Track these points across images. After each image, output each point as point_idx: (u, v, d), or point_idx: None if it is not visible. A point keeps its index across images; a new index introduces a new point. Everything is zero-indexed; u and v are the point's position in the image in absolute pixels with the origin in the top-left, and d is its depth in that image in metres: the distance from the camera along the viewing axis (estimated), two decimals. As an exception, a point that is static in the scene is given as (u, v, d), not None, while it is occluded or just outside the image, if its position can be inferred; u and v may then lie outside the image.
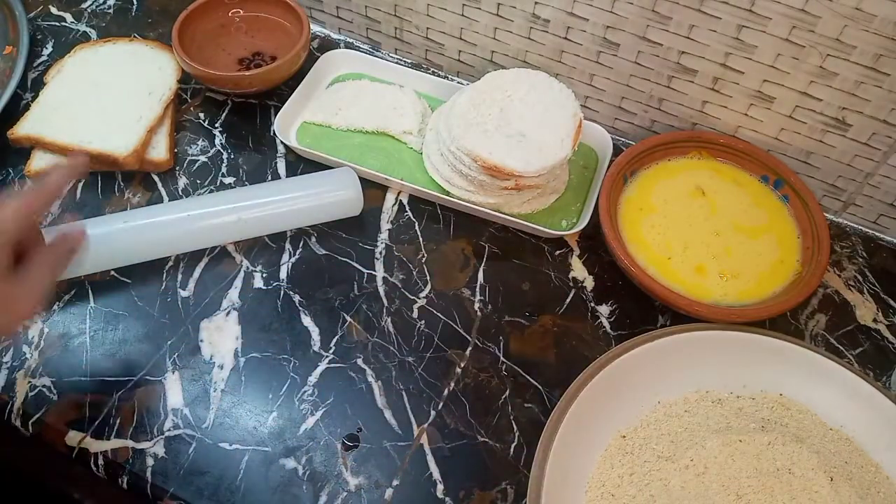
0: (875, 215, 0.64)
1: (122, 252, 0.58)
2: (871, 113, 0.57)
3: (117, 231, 0.56)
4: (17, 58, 0.69)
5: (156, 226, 0.58)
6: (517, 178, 0.58)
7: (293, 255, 0.61)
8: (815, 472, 0.48)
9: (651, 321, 0.58)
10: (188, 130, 0.69)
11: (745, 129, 0.64)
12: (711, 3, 0.56)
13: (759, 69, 0.58)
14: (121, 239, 0.57)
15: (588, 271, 0.61)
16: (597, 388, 0.50)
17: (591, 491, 0.48)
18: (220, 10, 0.72)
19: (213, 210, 0.59)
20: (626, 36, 0.62)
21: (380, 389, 0.54)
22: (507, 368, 0.55)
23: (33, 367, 0.54)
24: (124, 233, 0.57)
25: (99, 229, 0.56)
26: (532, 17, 0.64)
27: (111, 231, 0.56)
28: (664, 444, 0.50)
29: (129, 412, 0.52)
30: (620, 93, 0.66)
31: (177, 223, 0.58)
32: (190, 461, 0.50)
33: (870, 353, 0.57)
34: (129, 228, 0.57)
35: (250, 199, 0.60)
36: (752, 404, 0.52)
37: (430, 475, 0.50)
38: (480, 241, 0.62)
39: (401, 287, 0.59)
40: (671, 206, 0.61)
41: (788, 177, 0.61)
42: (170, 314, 0.57)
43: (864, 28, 0.52)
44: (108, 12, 0.78)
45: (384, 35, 0.75)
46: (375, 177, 0.64)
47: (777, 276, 0.58)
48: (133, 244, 0.57)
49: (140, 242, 0.58)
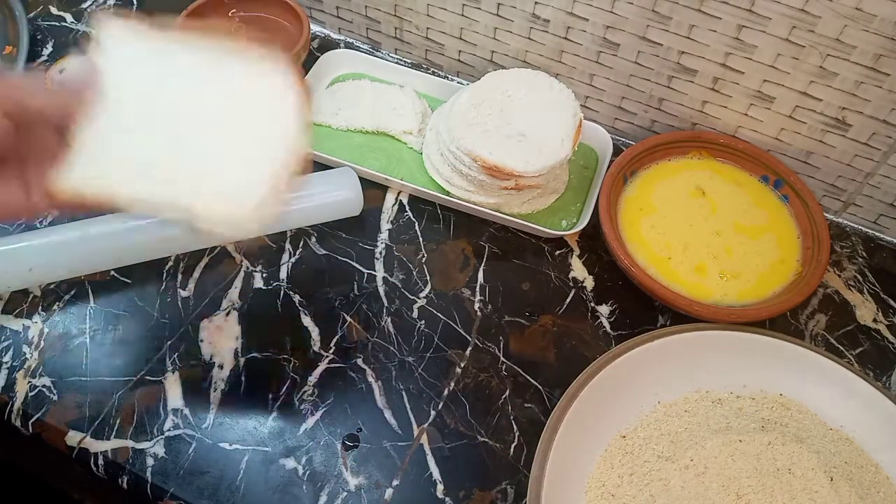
0: (875, 215, 0.64)
1: (122, 252, 0.57)
2: (871, 113, 0.57)
3: (117, 231, 0.56)
4: (17, 58, 0.69)
5: (156, 225, 0.58)
6: (517, 178, 0.58)
7: (293, 255, 0.61)
8: (815, 472, 0.48)
9: (651, 321, 0.58)
10: (188, 130, 0.68)
11: (745, 129, 0.64)
12: (711, 3, 0.56)
13: (759, 69, 0.58)
14: (121, 239, 0.57)
15: (588, 271, 0.61)
16: (597, 388, 0.50)
17: (591, 491, 0.48)
18: (220, 10, 0.72)
19: None
20: (626, 36, 0.62)
21: (380, 389, 0.54)
22: (507, 368, 0.55)
23: (33, 367, 0.54)
24: (124, 233, 0.57)
25: (98, 229, 0.56)
26: (532, 17, 0.64)
27: (111, 231, 0.56)
28: (664, 444, 0.50)
29: (129, 412, 0.52)
30: (620, 93, 0.66)
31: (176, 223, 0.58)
32: (190, 461, 0.50)
33: (870, 353, 0.57)
34: (130, 229, 0.57)
35: None
36: (752, 404, 0.52)
37: (430, 475, 0.51)
38: (480, 241, 0.62)
39: (401, 287, 0.59)
40: (671, 206, 0.61)
41: (788, 177, 0.61)
42: (170, 314, 0.57)
43: (864, 28, 0.52)
44: (108, 12, 0.78)
45: (384, 35, 0.75)
46: (375, 177, 0.64)
47: (777, 276, 0.58)
48: (133, 244, 0.57)
49: (141, 242, 0.58)
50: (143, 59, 0.43)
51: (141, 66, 0.43)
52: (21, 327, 0.56)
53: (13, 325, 0.56)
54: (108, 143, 0.41)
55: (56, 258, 0.56)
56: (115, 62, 0.43)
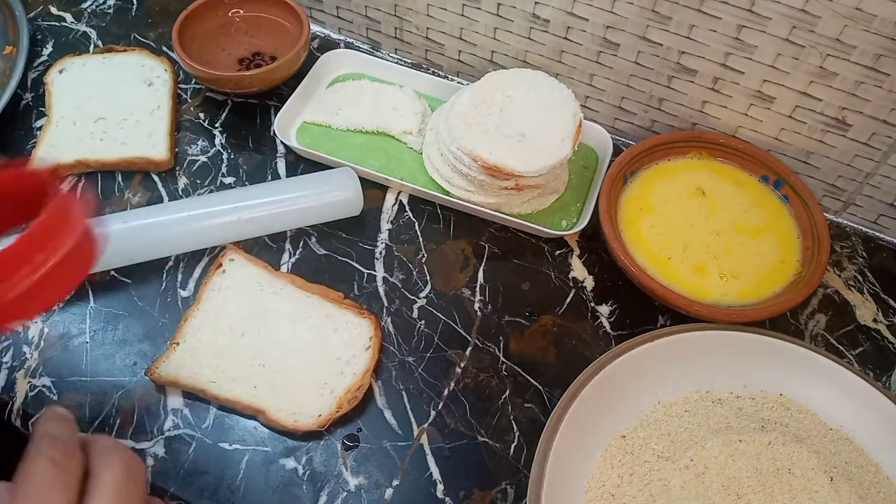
0: (875, 215, 0.64)
1: (122, 252, 0.57)
2: (871, 113, 0.57)
3: (117, 231, 0.56)
4: (17, 58, 0.69)
5: (156, 226, 0.58)
6: (517, 178, 0.58)
7: (293, 255, 0.61)
8: (815, 472, 0.48)
9: (651, 321, 0.58)
10: (188, 130, 0.69)
11: (745, 129, 0.64)
12: (711, 3, 0.56)
13: (759, 69, 0.58)
14: (121, 239, 0.57)
15: (588, 271, 0.61)
16: (597, 388, 0.50)
17: (591, 491, 0.48)
18: (220, 10, 0.72)
19: (213, 210, 0.59)
20: (626, 36, 0.62)
21: (380, 389, 0.54)
22: (507, 368, 0.55)
23: (33, 367, 0.54)
24: (124, 233, 0.57)
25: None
26: (532, 17, 0.64)
27: (111, 231, 0.56)
28: (664, 444, 0.50)
29: (129, 412, 0.52)
30: (620, 93, 0.66)
31: (177, 223, 0.58)
32: (190, 461, 0.50)
33: (870, 353, 0.57)
34: (129, 228, 0.57)
35: (250, 199, 0.60)
36: (752, 404, 0.52)
37: (430, 475, 0.50)
38: (480, 241, 0.62)
39: (401, 287, 0.59)
40: (671, 206, 0.61)
41: (788, 177, 0.61)
42: (170, 314, 0.57)
43: (864, 28, 0.52)
44: (108, 12, 0.78)
45: (384, 35, 0.75)
46: (375, 177, 0.64)
47: (777, 276, 0.58)
48: (133, 244, 0.57)
49: (140, 242, 0.58)
50: (252, 286, 0.57)
51: (249, 292, 0.57)
52: (21, 327, 0.56)
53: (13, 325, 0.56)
54: (208, 349, 0.53)
55: None
56: (232, 287, 0.57)
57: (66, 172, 0.64)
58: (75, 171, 0.64)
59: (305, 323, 0.55)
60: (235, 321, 0.55)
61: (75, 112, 0.67)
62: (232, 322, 0.55)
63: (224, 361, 0.53)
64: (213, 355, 0.53)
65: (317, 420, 0.51)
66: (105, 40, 0.75)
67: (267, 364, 0.53)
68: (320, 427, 0.51)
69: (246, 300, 0.56)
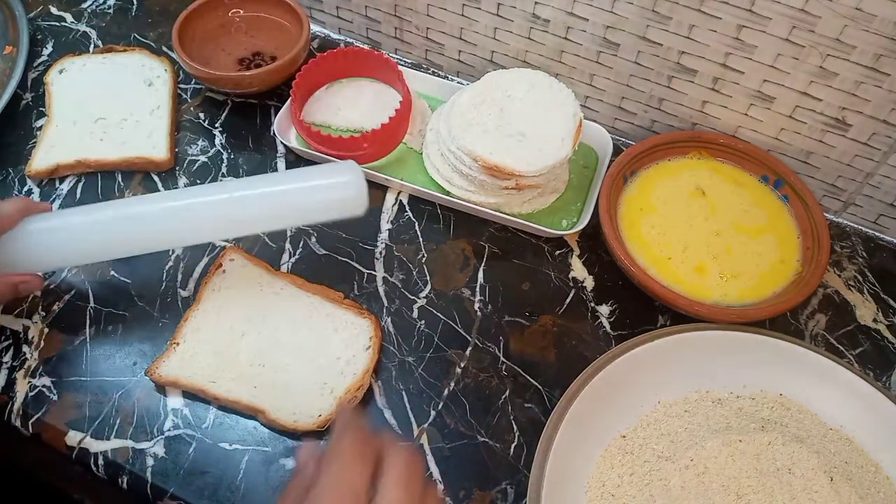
0: (875, 215, 0.64)
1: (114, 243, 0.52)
2: (871, 113, 0.57)
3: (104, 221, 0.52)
4: (17, 58, 0.69)
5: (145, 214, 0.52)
6: (517, 178, 0.58)
7: (293, 255, 0.61)
8: (815, 472, 0.48)
9: (651, 321, 0.58)
10: (188, 130, 0.69)
11: (745, 129, 0.64)
12: (711, 3, 0.56)
13: (759, 69, 0.58)
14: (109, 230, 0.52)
15: (588, 271, 0.61)
16: (597, 387, 0.50)
17: (591, 491, 0.48)
18: (220, 10, 0.72)
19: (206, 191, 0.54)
20: (626, 36, 0.62)
21: (380, 389, 0.54)
22: (507, 368, 0.55)
23: (33, 367, 0.54)
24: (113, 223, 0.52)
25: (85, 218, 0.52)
26: (532, 17, 0.64)
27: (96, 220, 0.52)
28: (664, 444, 0.50)
29: (129, 412, 0.52)
30: (620, 93, 0.66)
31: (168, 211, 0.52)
32: (190, 461, 0.50)
33: (870, 353, 0.57)
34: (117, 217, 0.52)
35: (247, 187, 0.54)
36: (752, 404, 0.52)
37: (430, 475, 0.50)
38: (480, 241, 0.62)
39: (401, 287, 0.59)
40: (671, 206, 0.61)
41: (788, 177, 0.61)
42: (170, 314, 0.57)
43: (864, 28, 0.52)
44: (108, 12, 0.78)
45: (384, 35, 0.75)
46: (375, 177, 0.64)
47: (777, 276, 0.58)
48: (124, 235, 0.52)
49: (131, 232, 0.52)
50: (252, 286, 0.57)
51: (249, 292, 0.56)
52: (21, 327, 0.56)
53: (13, 325, 0.56)
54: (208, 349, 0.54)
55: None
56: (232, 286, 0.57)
57: (66, 172, 0.64)
58: (75, 171, 0.64)
59: (305, 323, 0.55)
60: (235, 321, 0.55)
61: (75, 112, 0.67)
62: (232, 322, 0.55)
63: (224, 361, 0.53)
64: (213, 355, 0.53)
65: (317, 420, 0.51)
66: (105, 40, 0.75)
67: (267, 364, 0.53)
68: (320, 427, 0.50)
69: (246, 300, 0.56)
